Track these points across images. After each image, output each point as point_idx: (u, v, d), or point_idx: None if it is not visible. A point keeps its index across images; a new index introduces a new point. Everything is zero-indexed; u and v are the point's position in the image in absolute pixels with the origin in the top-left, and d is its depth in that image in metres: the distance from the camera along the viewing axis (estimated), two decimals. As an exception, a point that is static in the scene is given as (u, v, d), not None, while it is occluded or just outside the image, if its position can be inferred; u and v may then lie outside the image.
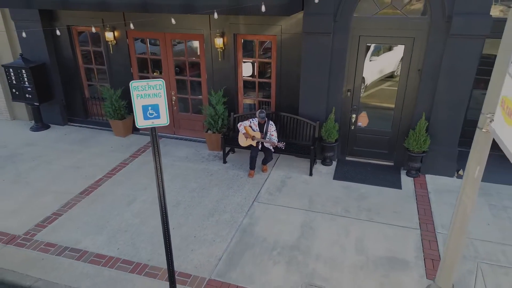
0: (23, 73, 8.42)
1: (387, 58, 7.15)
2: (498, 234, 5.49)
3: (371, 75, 7.25)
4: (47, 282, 4.74)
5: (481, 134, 3.57)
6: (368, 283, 4.67)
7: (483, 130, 3.52)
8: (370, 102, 7.29)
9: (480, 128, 3.55)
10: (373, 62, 7.09)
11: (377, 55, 7.09)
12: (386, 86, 7.22)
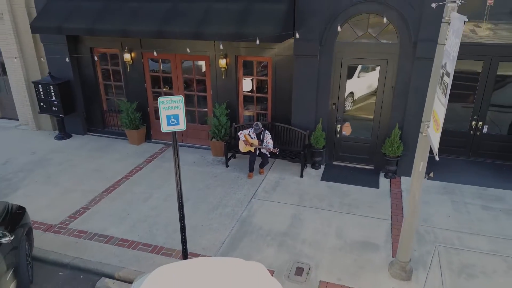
0: (50, 89, 9.62)
1: (374, 75, 8.29)
2: (456, 224, 6.55)
3: (360, 90, 8.39)
4: (82, 259, 5.82)
5: (422, 137, 4.71)
6: (344, 260, 5.72)
7: (423, 134, 4.65)
8: (353, 114, 8.43)
9: (421, 132, 4.68)
10: (361, 78, 8.24)
11: (366, 72, 8.22)
12: (373, 100, 8.33)
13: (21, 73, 10.19)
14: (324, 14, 7.44)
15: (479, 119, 8.39)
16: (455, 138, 8.71)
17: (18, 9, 9.65)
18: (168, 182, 7.96)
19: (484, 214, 6.82)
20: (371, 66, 8.01)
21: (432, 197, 7.38)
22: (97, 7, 8.46)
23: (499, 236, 6.21)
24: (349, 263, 5.66)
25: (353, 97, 8.44)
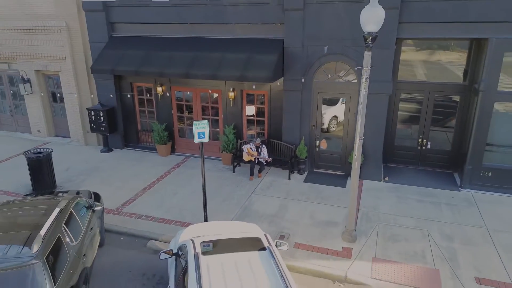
0: (100, 114, 12.63)
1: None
2: (395, 211, 9.23)
3: (342, 114, 11.12)
4: (136, 229, 8.60)
5: (359, 143, 7.51)
6: (313, 231, 8.43)
7: (359, 141, 7.47)
8: (331, 133, 11.27)
9: (356, 142, 7.50)
10: (344, 105, 10.96)
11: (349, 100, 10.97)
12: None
13: (76, 102, 13.25)
14: (304, 62, 10.41)
15: (424, 137, 11.19)
16: (407, 151, 11.50)
17: (77, 54, 12.81)
18: (190, 183, 10.79)
19: (417, 204, 9.53)
20: (341, 98, 10.92)
21: (383, 194, 10.10)
22: (139, 54, 11.54)
23: (423, 218, 8.89)
24: (316, 233, 8.38)
25: (337, 119, 11.27)
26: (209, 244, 5.24)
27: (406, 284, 6.84)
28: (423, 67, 10.84)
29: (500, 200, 9.69)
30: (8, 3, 12.95)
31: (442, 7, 9.13)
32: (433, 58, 10.62)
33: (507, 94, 9.44)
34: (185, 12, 11.23)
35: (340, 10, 9.65)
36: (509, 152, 9.88)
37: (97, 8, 11.91)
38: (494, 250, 7.74)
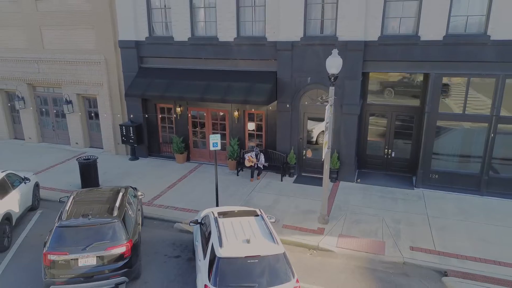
0: (130, 129, 15.65)
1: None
2: (361, 204, 12.08)
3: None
4: (165, 216, 11.49)
5: (327, 151, 10.45)
6: (297, 217, 11.29)
7: (328, 149, 10.41)
8: (317, 144, 14.20)
9: (324, 150, 10.45)
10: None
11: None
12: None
13: (110, 119, 16.33)
14: (293, 89, 13.45)
15: (389, 148, 14.12)
16: (376, 159, 14.41)
17: (112, 81, 15.94)
18: (203, 183, 13.71)
19: (379, 199, 12.39)
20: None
21: (354, 191, 12.97)
22: (163, 82, 14.63)
23: (381, 208, 11.74)
24: (299, 218, 11.24)
25: (324, 134, 14.17)
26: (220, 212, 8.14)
27: (360, 250, 9.67)
28: (387, 92, 13.84)
29: (443, 196, 12.55)
30: (58, 40, 16.16)
31: (394, 50, 12.18)
32: (395, 86, 13.63)
33: (446, 115, 12.40)
34: (200, 50, 14.37)
35: (318, 51, 12.70)
36: (450, 159, 12.78)
37: (130, 45, 15.08)
38: (428, 230, 10.58)
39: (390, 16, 12.15)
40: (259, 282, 6.25)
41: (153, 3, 14.65)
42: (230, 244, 6.73)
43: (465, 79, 11.95)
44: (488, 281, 8.45)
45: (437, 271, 8.93)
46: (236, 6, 13.48)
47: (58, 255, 7.17)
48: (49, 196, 12.83)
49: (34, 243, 10.02)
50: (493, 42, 11.21)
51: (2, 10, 16.60)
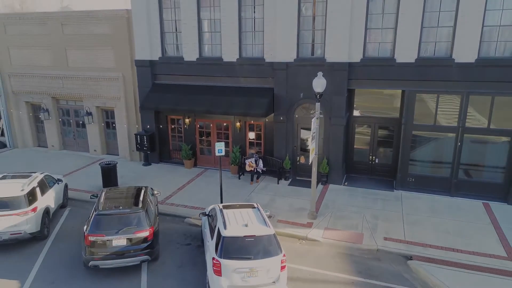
0: (144, 138, 17.61)
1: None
2: (346, 203, 13.93)
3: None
4: (176, 213, 13.36)
5: (314, 156, 12.36)
6: (290, 213, 13.13)
7: (315, 155, 12.32)
8: (306, 151, 16.09)
9: (311, 156, 12.36)
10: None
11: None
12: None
13: (126, 129, 18.33)
14: (287, 103, 15.40)
15: (373, 155, 16.00)
16: (362, 165, 16.28)
17: (128, 95, 17.99)
18: (209, 186, 15.59)
19: (362, 199, 14.23)
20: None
21: (341, 193, 14.82)
22: (174, 97, 16.61)
23: (363, 207, 13.57)
24: (291, 214, 13.09)
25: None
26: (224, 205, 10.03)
27: (341, 240, 11.49)
28: (371, 106, 15.76)
29: (418, 197, 14.37)
30: (81, 59, 18.26)
31: (374, 70, 14.14)
32: (378, 100, 15.56)
33: (420, 126, 14.29)
34: (207, 68, 16.39)
35: (310, 70, 14.64)
36: (425, 165, 14.63)
37: (145, 64, 17.14)
38: (401, 224, 12.39)
39: (370, 41, 14.14)
40: (254, 255, 8.11)
41: (165, 27, 16.74)
42: (232, 227, 8.60)
43: (435, 95, 13.88)
44: (444, 264, 10.24)
45: (404, 256, 10.72)
46: (238, 31, 15.53)
47: (97, 237, 9.07)
48: (75, 196, 14.76)
49: (67, 233, 11.92)
50: (457, 64, 13.15)
51: (32, 32, 18.76)
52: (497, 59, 12.83)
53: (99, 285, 9.25)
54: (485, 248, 10.92)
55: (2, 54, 19.65)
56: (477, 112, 13.62)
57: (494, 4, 12.56)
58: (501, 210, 13.27)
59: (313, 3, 14.34)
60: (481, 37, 12.80)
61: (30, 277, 9.55)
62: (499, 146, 13.67)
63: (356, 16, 13.82)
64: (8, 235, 10.29)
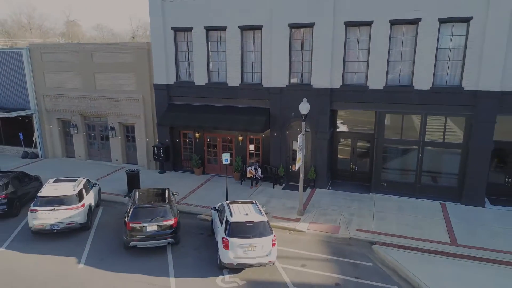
0: (160, 149, 20.75)
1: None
2: (329, 203, 17.00)
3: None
4: (190, 211, 16.41)
5: (301, 165, 15.49)
6: (283, 211, 16.18)
7: (301, 164, 15.45)
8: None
9: (298, 165, 15.49)
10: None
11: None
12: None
13: (144, 142, 21.50)
14: (281, 121, 18.57)
15: (353, 164, 19.12)
16: (344, 172, 19.39)
17: (147, 113, 21.22)
18: (216, 190, 18.66)
19: (342, 200, 17.29)
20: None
21: (326, 195, 17.88)
22: (187, 115, 19.81)
23: (343, 206, 16.63)
24: (284, 212, 16.14)
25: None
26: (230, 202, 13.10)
27: (322, 231, 14.51)
28: (352, 123, 18.92)
29: (389, 198, 17.43)
30: (107, 83, 21.54)
31: (351, 94, 17.33)
32: (358, 118, 18.74)
33: (390, 140, 17.42)
34: (214, 91, 19.63)
35: (299, 94, 17.81)
36: (394, 172, 17.73)
37: (162, 88, 20.40)
38: (371, 219, 15.42)
39: (348, 71, 17.37)
40: (253, 235, 11.17)
41: (179, 57, 20.05)
42: (237, 216, 11.68)
43: (401, 115, 17.05)
44: (400, 247, 13.23)
45: (370, 243, 13.72)
46: (240, 61, 18.81)
47: (135, 224, 12.13)
48: (105, 198, 17.83)
49: (104, 225, 14.98)
50: (416, 91, 16.34)
51: (65, 60, 22.09)
52: (447, 87, 16.04)
53: (136, 261, 12.28)
54: (435, 237, 13.93)
55: (38, 78, 22.96)
56: (435, 128, 16.78)
57: (444, 44, 15.83)
58: (454, 208, 16.32)
59: (301, 40, 17.64)
60: (435, 69, 16.03)
61: (84, 255, 12.61)
62: (453, 156, 16.78)
63: (336, 51, 17.08)
64: (64, 225, 13.37)
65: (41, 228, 13.23)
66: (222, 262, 11.37)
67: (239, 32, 18.45)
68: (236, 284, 11.11)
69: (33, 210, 13.23)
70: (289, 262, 12.36)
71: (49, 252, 12.73)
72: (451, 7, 15.15)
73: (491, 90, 15.23)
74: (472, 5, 14.92)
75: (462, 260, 12.41)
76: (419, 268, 11.80)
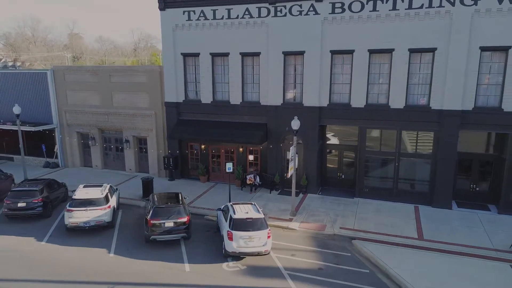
0: (170, 159, 23.43)
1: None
2: (318, 206, 19.63)
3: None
4: (198, 212, 19.02)
5: (294, 173, 18.18)
6: (278, 212, 18.80)
7: (294, 172, 18.15)
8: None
9: (291, 173, 18.19)
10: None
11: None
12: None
13: (156, 152, 24.20)
14: (277, 135, 21.30)
15: (340, 172, 21.80)
16: (333, 180, 22.06)
17: (159, 128, 23.97)
18: (220, 195, 21.28)
19: (330, 204, 19.92)
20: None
21: (316, 199, 20.52)
22: (194, 129, 22.53)
23: (330, 209, 19.25)
24: (279, 213, 18.74)
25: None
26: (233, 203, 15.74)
27: (311, 229, 17.11)
28: (342, 135, 21.65)
29: (370, 202, 20.07)
30: (123, 100, 24.33)
31: (337, 112, 20.08)
32: (347, 130, 21.48)
33: (370, 151, 20.14)
34: (218, 108, 22.41)
35: (292, 111, 20.49)
36: (375, 179, 20.40)
37: (172, 105, 23.18)
38: (354, 219, 18.03)
39: (334, 92, 20.17)
40: (252, 229, 13.79)
41: (188, 79, 22.88)
42: (238, 213, 14.32)
43: (379, 130, 19.80)
44: (375, 242, 15.81)
45: (350, 238, 16.31)
46: (241, 83, 21.64)
47: (155, 221, 14.75)
48: (122, 202, 20.45)
49: (126, 224, 17.57)
50: (392, 110, 19.11)
51: (86, 80, 24.93)
52: (418, 106, 18.83)
53: (156, 251, 14.86)
54: (405, 233, 16.52)
55: (60, 96, 25.76)
56: (409, 141, 19.52)
57: (414, 70, 18.66)
58: (425, 210, 18.96)
59: (294, 65, 20.51)
60: (407, 91, 18.83)
61: (112, 247, 15.21)
62: (424, 165, 19.48)
63: (323, 75, 19.90)
64: (94, 222, 15.99)
65: (76, 225, 15.84)
66: (227, 250, 13.99)
67: (240, 58, 21.31)
68: (238, 268, 13.71)
69: (69, 210, 15.86)
70: (282, 252, 14.95)
71: (83, 245, 15.32)
72: (419, 40, 18.03)
73: (453, 109, 18.01)
74: (436, 39, 17.79)
75: (425, 251, 15.01)
76: (388, 257, 14.39)
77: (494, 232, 16.52)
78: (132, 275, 13.18)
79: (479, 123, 17.93)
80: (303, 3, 19.41)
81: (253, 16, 20.47)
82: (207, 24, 21.41)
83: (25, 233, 16.38)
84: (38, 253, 14.71)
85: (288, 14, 19.79)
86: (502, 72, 17.39)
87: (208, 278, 13.06)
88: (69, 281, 12.84)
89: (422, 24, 17.83)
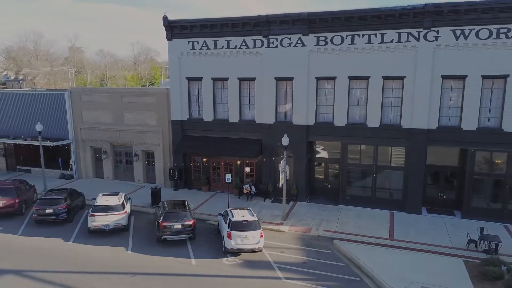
0: (175, 171, 26.21)
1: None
2: (306, 212, 22.41)
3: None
4: (201, 217, 21.77)
5: (284, 183, 21.04)
6: (271, 218, 21.57)
7: (284, 181, 21.01)
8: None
9: (280, 182, 21.06)
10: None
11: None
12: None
13: (162, 165, 27.02)
14: (271, 149, 24.19)
15: (326, 182, 24.66)
16: (320, 189, 24.90)
17: (165, 143, 26.83)
18: (220, 203, 24.02)
19: (316, 210, 22.71)
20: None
21: (304, 206, 23.31)
22: (197, 144, 25.40)
23: (313, 214, 22.03)
24: (271, 218, 21.49)
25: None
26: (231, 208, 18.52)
27: (298, 231, 19.87)
28: (330, 148, 24.54)
29: (351, 209, 22.88)
30: (133, 118, 27.22)
31: (323, 129, 23.03)
32: (334, 144, 24.39)
33: (351, 164, 23.03)
34: (219, 125, 25.33)
35: (283, 129, 23.43)
36: (357, 188, 23.24)
37: (178, 123, 26.10)
38: (336, 223, 20.81)
39: (320, 112, 23.16)
40: (247, 229, 16.57)
41: (191, 100, 25.87)
42: (236, 216, 17.13)
43: (359, 145, 22.74)
44: (353, 241, 18.56)
45: (332, 238, 19.07)
46: (239, 103, 24.63)
47: (166, 223, 17.50)
48: (133, 209, 23.18)
49: (138, 228, 20.29)
50: (369, 128, 22.08)
51: (100, 100, 27.88)
52: (391, 124, 21.82)
53: (166, 249, 17.56)
54: (379, 234, 19.30)
55: (76, 114, 28.67)
56: (382, 155, 22.44)
57: (387, 94, 21.70)
58: (398, 216, 21.78)
59: (284, 89, 23.53)
60: (382, 112, 21.83)
61: (129, 245, 17.95)
62: (398, 176, 22.37)
63: (310, 98, 22.92)
64: (113, 225, 18.73)
65: (97, 228, 18.58)
66: (226, 248, 16.75)
67: (238, 82, 24.34)
68: (236, 262, 16.46)
69: (92, 215, 18.62)
70: (273, 250, 17.71)
71: (104, 244, 18.05)
72: (390, 68, 21.11)
73: (421, 128, 21.00)
74: (405, 68, 20.87)
75: (394, 249, 17.79)
76: (362, 254, 17.16)
77: (455, 233, 19.34)
78: (148, 268, 15.89)
79: (443, 139, 20.91)
80: (292, 36, 22.54)
81: (249, 46, 23.57)
82: (209, 52, 24.49)
83: (53, 235, 19.10)
84: (67, 251, 17.41)
85: (280, 45, 22.89)
86: (461, 96, 20.43)
87: (211, 270, 15.79)
88: (97, 271, 15.55)
89: (392, 55, 20.95)
